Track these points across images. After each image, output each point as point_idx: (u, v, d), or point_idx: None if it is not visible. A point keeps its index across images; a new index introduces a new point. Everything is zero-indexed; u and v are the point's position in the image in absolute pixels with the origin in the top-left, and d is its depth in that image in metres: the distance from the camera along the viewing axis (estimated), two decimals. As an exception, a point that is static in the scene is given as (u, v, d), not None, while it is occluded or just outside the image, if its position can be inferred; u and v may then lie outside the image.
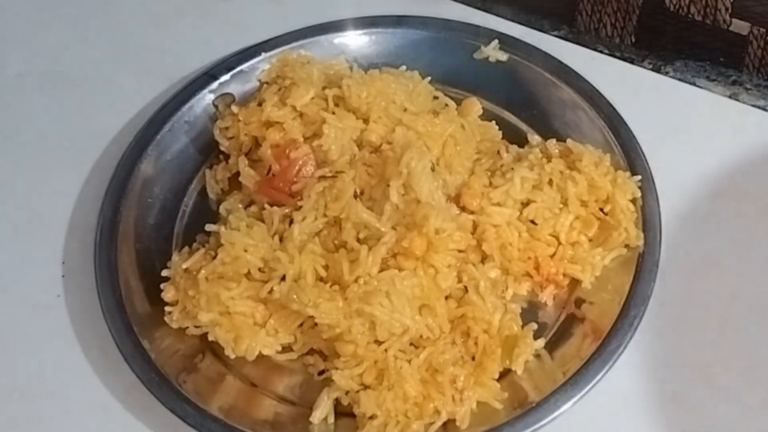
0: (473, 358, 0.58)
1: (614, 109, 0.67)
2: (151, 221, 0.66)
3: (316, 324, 0.58)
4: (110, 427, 0.59)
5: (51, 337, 0.62)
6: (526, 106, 0.70)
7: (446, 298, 0.59)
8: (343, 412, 0.57)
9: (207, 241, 0.63)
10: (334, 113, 0.65)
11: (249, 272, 0.60)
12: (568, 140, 0.64)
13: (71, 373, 0.61)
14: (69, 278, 0.65)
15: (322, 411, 0.57)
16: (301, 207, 0.61)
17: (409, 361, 0.56)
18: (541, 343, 0.59)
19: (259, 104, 0.67)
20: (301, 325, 0.60)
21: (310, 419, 0.57)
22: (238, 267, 0.59)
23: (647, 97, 0.71)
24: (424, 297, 0.58)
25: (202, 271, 0.59)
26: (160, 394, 0.57)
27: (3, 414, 0.60)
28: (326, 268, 0.59)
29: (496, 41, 0.71)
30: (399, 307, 0.57)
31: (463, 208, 0.62)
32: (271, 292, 0.59)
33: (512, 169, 0.63)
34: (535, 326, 0.59)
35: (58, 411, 0.60)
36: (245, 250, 0.59)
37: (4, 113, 0.75)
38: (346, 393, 0.57)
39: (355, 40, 0.73)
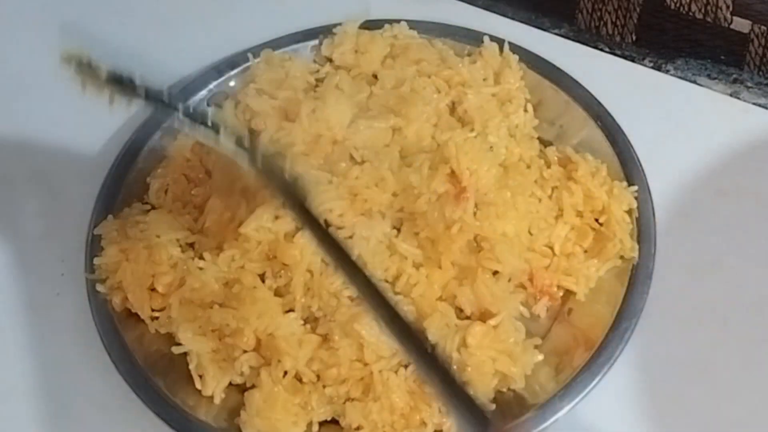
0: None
1: (611, 117, 0.66)
2: (150, 220, 0.66)
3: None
4: (109, 427, 0.59)
5: (50, 336, 0.63)
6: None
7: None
8: (327, 421, 0.57)
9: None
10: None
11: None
12: (567, 148, 0.64)
13: (70, 371, 0.61)
14: (69, 276, 0.65)
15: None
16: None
17: (396, 372, 0.55)
18: (539, 357, 0.58)
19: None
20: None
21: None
22: (203, 296, 0.58)
23: (648, 95, 0.71)
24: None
25: (173, 297, 0.58)
26: (146, 398, 0.57)
27: (2, 413, 0.60)
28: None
29: (494, 46, 0.70)
30: None
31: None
32: None
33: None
34: (539, 341, 0.58)
35: (58, 410, 0.60)
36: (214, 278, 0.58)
37: (4, 113, 0.75)
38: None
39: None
